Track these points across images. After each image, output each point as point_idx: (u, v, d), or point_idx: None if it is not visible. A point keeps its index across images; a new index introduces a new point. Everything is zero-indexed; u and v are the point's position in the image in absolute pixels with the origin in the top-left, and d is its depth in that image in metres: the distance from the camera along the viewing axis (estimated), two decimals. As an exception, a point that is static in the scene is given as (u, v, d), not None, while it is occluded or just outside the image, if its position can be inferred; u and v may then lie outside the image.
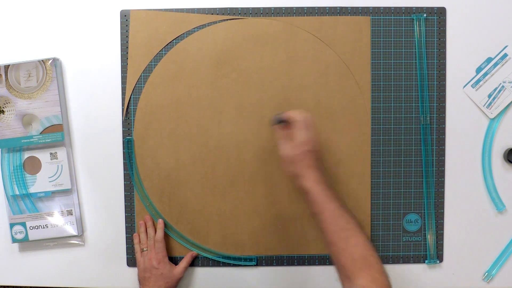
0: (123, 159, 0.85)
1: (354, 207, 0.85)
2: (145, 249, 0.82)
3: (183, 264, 0.83)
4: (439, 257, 0.86)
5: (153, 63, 0.84)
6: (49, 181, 0.84)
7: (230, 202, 0.85)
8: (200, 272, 0.86)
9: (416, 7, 0.85)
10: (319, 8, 0.85)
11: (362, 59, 0.85)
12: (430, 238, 0.86)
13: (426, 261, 0.86)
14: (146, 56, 0.84)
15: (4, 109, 0.82)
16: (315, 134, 0.73)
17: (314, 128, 0.74)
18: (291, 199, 0.85)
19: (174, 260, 0.85)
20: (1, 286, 0.88)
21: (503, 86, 0.85)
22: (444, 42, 0.85)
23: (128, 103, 0.85)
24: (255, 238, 0.85)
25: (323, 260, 0.86)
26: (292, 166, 0.73)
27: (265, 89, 0.85)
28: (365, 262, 0.66)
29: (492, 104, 0.86)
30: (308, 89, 0.85)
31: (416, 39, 0.85)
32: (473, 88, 0.86)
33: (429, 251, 0.86)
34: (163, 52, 0.84)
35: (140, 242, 0.84)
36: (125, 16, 0.84)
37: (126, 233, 0.85)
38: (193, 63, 0.84)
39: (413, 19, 0.85)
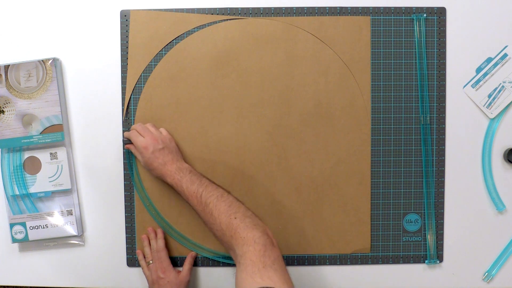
0: (123, 159, 0.85)
1: (354, 207, 0.85)
2: (151, 261, 0.82)
3: (186, 267, 0.83)
4: (439, 257, 0.86)
5: (153, 63, 0.84)
6: (49, 181, 0.84)
7: (230, 202, 0.85)
8: (200, 272, 0.86)
9: (416, 7, 0.85)
10: (319, 8, 0.85)
11: (362, 59, 0.85)
12: (430, 238, 0.86)
13: (426, 261, 0.86)
14: (146, 56, 0.84)
15: (4, 109, 0.82)
16: (156, 134, 0.79)
17: (152, 130, 0.80)
18: (291, 199, 0.85)
19: (174, 260, 0.85)
20: (1, 286, 0.88)
21: (503, 86, 0.85)
22: (444, 42, 0.85)
23: (128, 103, 0.85)
24: (255, 238, 0.85)
25: (323, 260, 0.86)
26: (153, 171, 0.78)
27: (265, 89, 0.85)
28: (230, 228, 0.66)
29: (492, 104, 0.86)
30: (308, 89, 0.85)
31: (416, 39, 0.85)
32: (473, 88, 0.86)
33: (429, 251, 0.86)
34: (163, 52, 0.84)
35: (144, 257, 0.84)
36: (125, 16, 0.84)
37: (126, 233, 0.85)
38: (193, 63, 0.84)
39: (413, 19, 0.85)
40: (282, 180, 0.85)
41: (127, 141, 0.83)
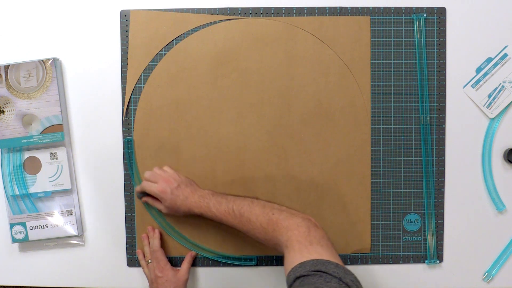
0: (123, 159, 0.85)
1: (354, 207, 0.85)
2: (150, 261, 0.82)
3: (185, 265, 0.83)
4: (439, 257, 0.86)
5: (153, 63, 0.84)
6: (49, 181, 0.84)
7: (230, 202, 0.85)
8: (200, 272, 0.86)
9: (416, 7, 0.85)
10: (319, 8, 0.85)
11: (362, 59, 0.85)
12: (430, 238, 0.86)
13: (426, 261, 0.86)
14: (146, 56, 0.84)
15: (4, 109, 0.82)
16: (166, 175, 0.79)
17: (160, 172, 0.80)
18: (291, 199, 0.85)
19: (174, 261, 0.85)
20: (1, 286, 0.88)
21: (503, 86, 0.85)
22: (444, 42, 0.85)
23: (128, 103, 0.85)
24: (255, 238, 0.85)
25: (323, 260, 0.86)
26: (179, 210, 0.78)
27: (265, 89, 0.85)
28: (271, 224, 0.69)
29: (492, 104, 0.86)
30: (308, 89, 0.85)
31: (416, 39, 0.85)
32: (473, 88, 0.86)
33: (429, 251, 0.86)
34: (163, 52, 0.84)
35: (144, 256, 0.84)
36: (125, 16, 0.84)
37: (126, 233, 0.85)
38: (193, 63, 0.84)
39: (413, 19, 0.85)
40: (282, 180, 0.85)
41: (141, 195, 0.83)
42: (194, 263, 0.86)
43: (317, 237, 0.64)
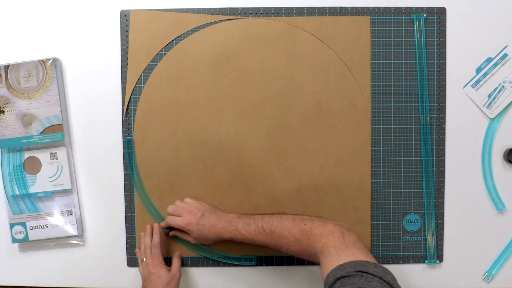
0: (123, 159, 0.85)
1: (354, 207, 0.85)
2: (144, 259, 0.82)
3: (175, 264, 0.82)
4: (439, 257, 0.86)
5: (153, 63, 0.84)
6: (49, 181, 0.84)
7: (230, 202, 0.85)
8: (200, 272, 0.86)
9: (416, 7, 0.85)
10: (319, 8, 0.85)
11: (362, 59, 0.85)
12: (430, 238, 0.86)
13: (426, 261, 0.86)
14: (146, 56, 0.84)
15: (4, 109, 0.82)
16: (188, 207, 0.80)
17: (182, 205, 0.81)
18: (291, 199, 0.85)
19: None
20: (1, 286, 0.88)
21: (503, 86, 0.85)
22: (444, 42, 0.85)
23: (128, 103, 0.85)
24: (255, 238, 0.85)
25: (323, 260, 0.86)
26: (208, 238, 0.79)
27: (265, 89, 0.85)
28: (305, 234, 0.69)
29: (492, 104, 0.86)
30: (308, 89, 0.85)
31: (416, 39, 0.85)
32: (473, 88, 0.86)
33: (429, 251, 0.86)
34: (163, 52, 0.84)
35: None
36: (125, 16, 0.84)
37: (126, 233, 0.85)
38: (193, 63, 0.84)
39: (413, 19, 0.85)
40: (282, 180, 0.85)
41: (167, 230, 0.83)
42: (194, 263, 0.86)
43: (352, 240, 0.65)
